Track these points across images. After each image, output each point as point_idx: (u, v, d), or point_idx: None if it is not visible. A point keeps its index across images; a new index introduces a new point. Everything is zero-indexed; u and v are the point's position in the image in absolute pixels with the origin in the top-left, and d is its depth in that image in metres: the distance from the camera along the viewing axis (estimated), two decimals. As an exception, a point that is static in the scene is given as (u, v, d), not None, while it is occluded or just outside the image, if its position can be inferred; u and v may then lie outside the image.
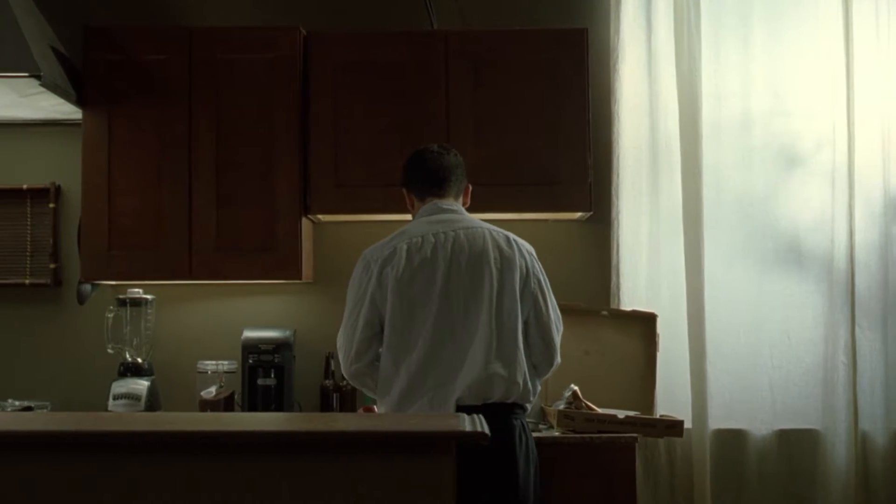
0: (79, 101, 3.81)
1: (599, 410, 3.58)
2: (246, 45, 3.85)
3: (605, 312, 3.94)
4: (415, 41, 3.89)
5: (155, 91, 3.83)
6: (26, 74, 3.46)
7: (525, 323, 3.15)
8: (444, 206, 3.22)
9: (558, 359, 3.22)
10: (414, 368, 3.07)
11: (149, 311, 3.99)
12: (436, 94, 3.83)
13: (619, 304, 4.01)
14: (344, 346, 3.18)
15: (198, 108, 3.82)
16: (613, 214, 4.06)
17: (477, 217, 3.29)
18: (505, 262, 3.13)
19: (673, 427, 3.61)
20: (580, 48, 3.86)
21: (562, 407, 3.60)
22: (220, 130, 3.82)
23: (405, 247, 3.12)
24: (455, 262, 3.11)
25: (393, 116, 3.83)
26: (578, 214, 3.98)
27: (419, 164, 3.27)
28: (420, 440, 2.03)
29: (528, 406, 3.19)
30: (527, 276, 3.16)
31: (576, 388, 3.62)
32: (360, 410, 3.81)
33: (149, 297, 3.99)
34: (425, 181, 3.25)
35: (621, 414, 3.56)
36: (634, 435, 3.50)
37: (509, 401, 3.08)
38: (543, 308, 3.17)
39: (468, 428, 2.05)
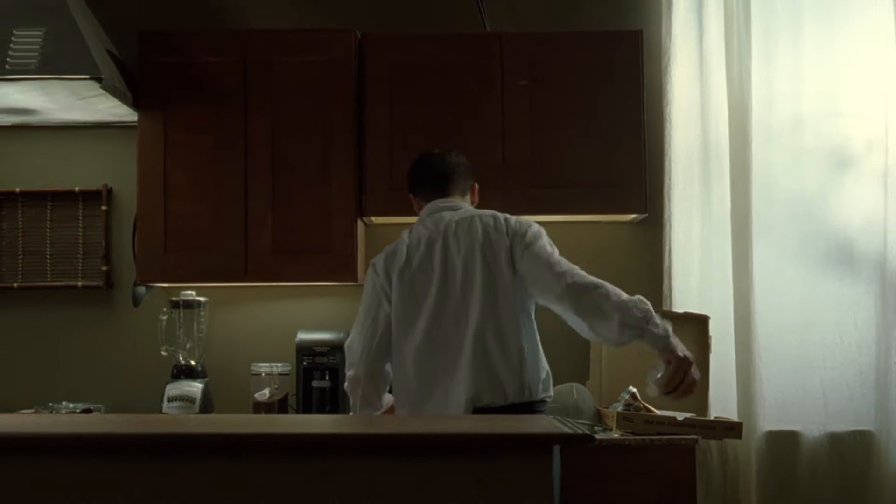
0: (134, 104, 3.81)
1: (658, 412, 3.57)
2: (301, 48, 3.85)
3: (657, 314, 3.93)
4: (469, 43, 3.89)
5: (210, 93, 3.83)
6: (87, 77, 3.47)
7: (534, 277, 3.07)
8: (442, 205, 3.24)
9: (568, 279, 3.00)
10: (421, 369, 3.09)
11: (202, 313, 3.99)
12: (491, 96, 3.83)
13: (671, 306, 4.00)
14: (362, 344, 3.19)
15: (253, 111, 3.82)
16: (665, 216, 4.04)
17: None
18: (491, 246, 3.10)
19: (732, 429, 3.59)
20: (635, 50, 3.86)
21: (620, 409, 3.58)
22: (276, 133, 3.82)
23: (405, 249, 3.17)
24: (450, 260, 3.12)
25: (448, 118, 3.82)
26: (631, 216, 3.98)
27: (419, 168, 3.32)
28: (520, 442, 1.99)
29: (548, 396, 3.13)
30: (515, 246, 3.09)
31: (634, 389, 3.60)
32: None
33: (202, 299, 3.99)
34: (425, 184, 3.30)
35: (680, 416, 3.55)
36: (694, 437, 3.49)
37: (524, 399, 3.05)
38: (540, 254, 3.07)
39: (568, 430, 2.02)
